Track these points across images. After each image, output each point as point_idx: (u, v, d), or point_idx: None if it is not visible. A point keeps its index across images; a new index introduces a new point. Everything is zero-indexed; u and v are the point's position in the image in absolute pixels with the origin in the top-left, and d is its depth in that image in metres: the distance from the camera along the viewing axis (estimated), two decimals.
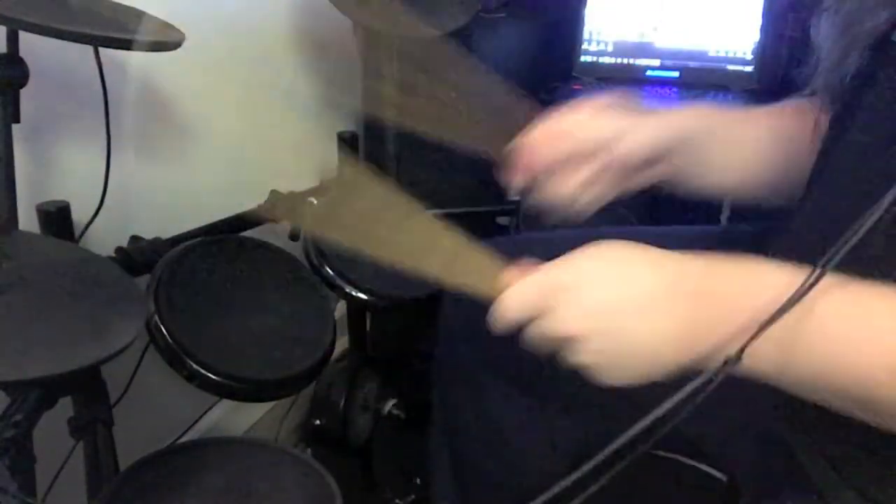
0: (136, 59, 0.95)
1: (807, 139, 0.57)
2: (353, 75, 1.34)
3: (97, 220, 0.86)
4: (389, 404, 1.17)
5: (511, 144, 0.62)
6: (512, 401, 0.78)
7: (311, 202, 1.01)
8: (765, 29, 1.37)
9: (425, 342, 0.84)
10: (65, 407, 0.74)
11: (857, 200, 0.37)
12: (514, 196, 1.36)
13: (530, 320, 0.46)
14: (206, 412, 1.20)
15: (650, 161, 0.60)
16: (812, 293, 0.38)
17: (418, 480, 1.15)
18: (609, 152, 0.59)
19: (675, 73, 1.44)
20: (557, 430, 0.72)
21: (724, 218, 1.15)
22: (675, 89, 1.42)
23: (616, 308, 0.43)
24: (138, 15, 0.81)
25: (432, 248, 0.49)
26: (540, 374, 0.76)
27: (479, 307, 0.78)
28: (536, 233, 1.04)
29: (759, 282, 0.41)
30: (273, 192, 1.10)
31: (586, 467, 0.40)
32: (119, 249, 0.86)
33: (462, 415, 0.82)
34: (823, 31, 0.52)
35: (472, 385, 0.79)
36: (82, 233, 0.86)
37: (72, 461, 0.78)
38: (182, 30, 0.82)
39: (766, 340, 0.39)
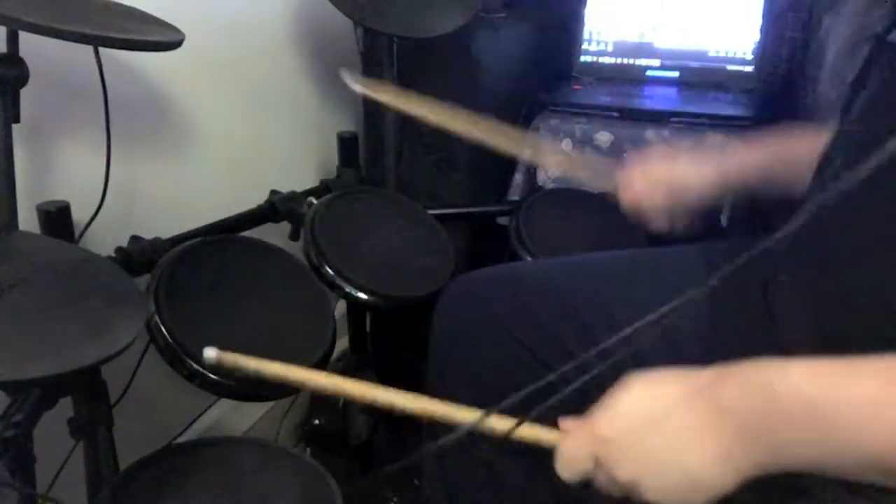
0: (136, 59, 0.95)
1: (807, 156, 0.65)
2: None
3: (97, 220, 0.86)
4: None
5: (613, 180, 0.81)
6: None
7: (311, 202, 1.01)
8: (765, 29, 1.37)
9: (425, 342, 0.84)
10: (65, 407, 0.74)
11: (855, 194, 0.38)
12: (514, 196, 1.36)
13: (589, 472, 0.50)
14: (205, 412, 1.20)
15: None
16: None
17: (417, 481, 1.15)
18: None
19: (675, 73, 1.43)
20: None
21: (724, 218, 1.15)
22: (675, 89, 1.42)
23: (649, 432, 0.47)
24: (138, 15, 0.81)
25: None
26: (532, 406, 0.76)
27: (468, 314, 0.78)
28: (531, 262, 1.03)
29: (770, 382, 0.44)
30: (273, 192, 1.10)
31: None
32: (119, 249, 0.86)
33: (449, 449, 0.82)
34: (832, 31, 0.54)
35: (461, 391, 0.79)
36: (82, 233, 0.86)
37: (72, 461, 0.78)
38: (182, 30, 0.82)
39: (759, 429, 0.43)
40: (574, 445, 0.50)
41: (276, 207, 1.07)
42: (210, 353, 0.51)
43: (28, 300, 0.58)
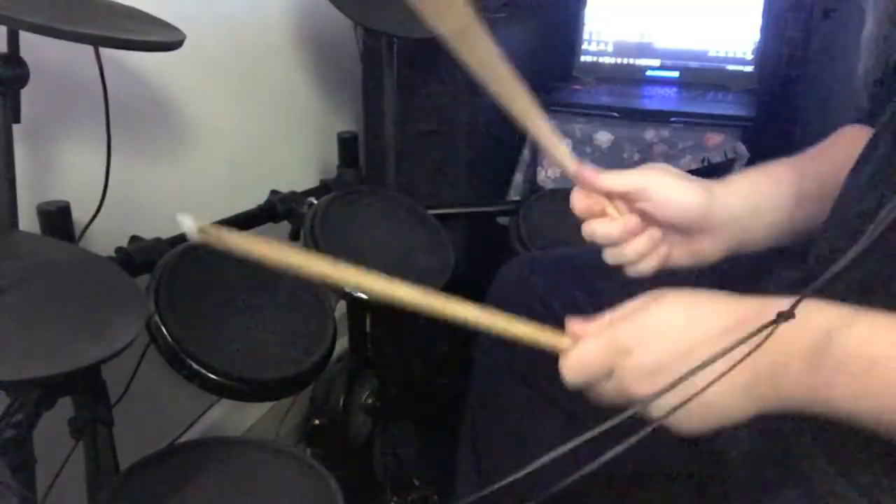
0: (136, 59, 0.95)
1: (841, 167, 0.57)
2: (354, 75, 1.34)
3: (97, 220, 0.86)
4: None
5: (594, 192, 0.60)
6: (541, 416, 0.77)
7: (311, 202, 1.01)
8: (765, 29, 1.37)
9: (425, 342, 0.84)
10: (65, 407, 0.74)
11: (888, 190, 0.37)
12: (514, 196, 1.36)
13: (596, 381, 0.47)
14: (205, 412, 1.20)
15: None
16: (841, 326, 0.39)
17: (417, 481, 1.15)
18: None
19: (675, 73, 1.44)
20: (583, 448, 0.73)
21: None
22: (674, 89, 1.42)
23: (680, 359, 0.43)
24: (138, 15, 0.81)
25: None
26: (574, 395, 0.75)
27: (522, 302, 0.77)
28: (548, 251, 1.03)
29: (810, 321, 0.42)
30: (273, 192, 1.10)
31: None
32: (119, 249, 0.86)
33: (490, 427, 0.82)
34: (868, 31, 0.53)
35: (502, 398, 0.79)
36: (82, 233, 0.86)
37: (72, 461, 0.78)
38: (182, 30, 0.82)
39: (802, 370, 0.40)
40: (589, 349, 0.46)
41: (276, 207, 1.07)
42: (186, 220, 0.41)
43: (28, 300, 0.58)
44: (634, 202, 0.59)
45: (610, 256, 0.60)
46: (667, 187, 0.58)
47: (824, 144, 0.65)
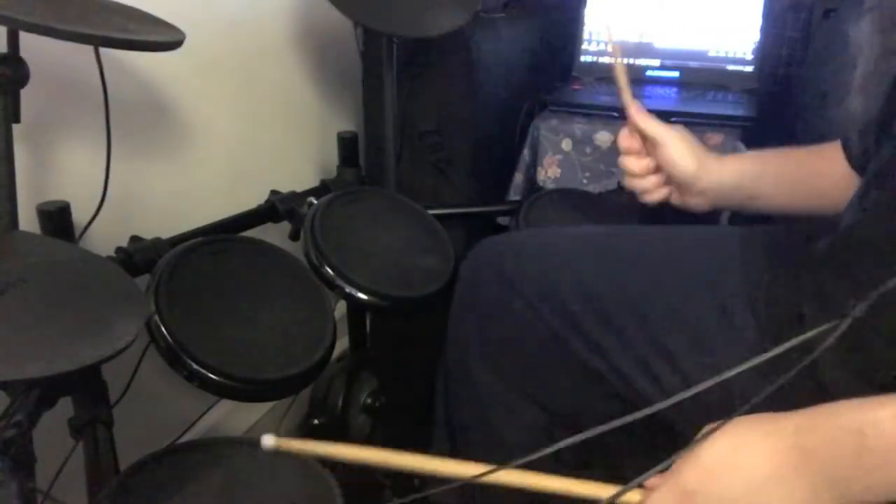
0: (136, 59, 0.95)
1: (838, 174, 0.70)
2: (354, 75, 1.34)
3: (97, 220, 0.86)
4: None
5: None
6: (517, 413, 0.78)
7: (311, 202, 1.01)
8: (765, 29, 1.37)
9: (425, 342, 0.84)
10: (65, 407, 0.74)
11: None
12: (514, 196, 1.36)
13: None
14: (206, 412, 1.20)
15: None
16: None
17: (417, 481, 1.15)
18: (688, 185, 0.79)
19: (675, 73, 1.44)
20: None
21: (724, 217, 1.15)
22: (675, 89, 1.42)
23: (746, 496, 0.46)
24: (138, 15, 0.81)
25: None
26: (548, 387, 0.76)
27: (488, 318, 0.78)
28: (535, 230, 1.04)
29: (861, 430, 0.44)
30: (273, 192, 1.10)
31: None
32: (119, 249, 0.86)
33: (466, 425, 0.82)
34: (866, 31, 0.54)
35: (477, 396, 0.79)
36: (82, 233, 0.86)
37: (72, 461, 0.78)
38: (182, 30, 0.82)
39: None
40: (660, 498, 0.49)
41: (276, 207, 1.07)
42: (268, 440, 0.52)
43: (28, 300, 0.58)
44: (654, 148, 0.80)
45: (629, 183, 0.83)
46: (676, 150, 0.78)
47: (824, 145, 0.75)
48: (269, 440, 0.52)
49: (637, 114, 0.81)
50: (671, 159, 0.78)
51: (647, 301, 0.70)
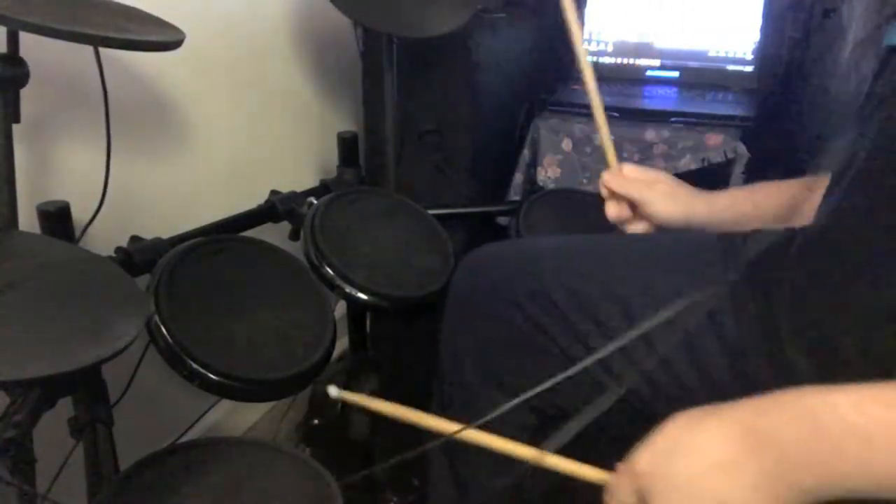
0: (136, 59, 0.95)
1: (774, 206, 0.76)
2: (354, 75, 1.34)
3: (97, 220, 0.86)
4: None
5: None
6: (511, 416, 0.78)
7: (311, 202, 1.01)
8: (765, 29, 1.37)
9: (425, 342, 0.84)
10: (65, 407, 0.74)
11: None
12: (514, 196, 1.36)
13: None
14: (206, 412, 1.20)
15: None
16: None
17: (417, 481, 1.15)
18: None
19: (675, 73, 1.44)
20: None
21: None
22: (674, 89, 1.42)
23: (697, 478, 0.46)
24: (138, 15, 0.81)
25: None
26: (538, 359, 0.77)
27: (482, 322, 0.79)
28: (538, 238, 1.04)
29: (815, 413, 0.44)
30: (273, 192, 1.10)
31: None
32: (119, 249, 0.86)
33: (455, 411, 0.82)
34: (857, 11, 0.54)
35: (472, 398, 0.79)
36: (82, 233, 0.86)
37: (72, 461, 0.78)
38: (182, 30, 0.82)
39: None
40: (618, 482, 0.51)
41: (276, 207, 1.07)
42: (333, 391, 0.64)
43: (28, 300, 0.58)
44: (638, 206, 0.82)
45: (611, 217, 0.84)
46: (661, 205, 0.81)
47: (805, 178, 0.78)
48: (334, 391, 0.66)
49: (613, 180, 0.82)
50: (657, 216, 0.81)
51: (636, 302, 0.71)
